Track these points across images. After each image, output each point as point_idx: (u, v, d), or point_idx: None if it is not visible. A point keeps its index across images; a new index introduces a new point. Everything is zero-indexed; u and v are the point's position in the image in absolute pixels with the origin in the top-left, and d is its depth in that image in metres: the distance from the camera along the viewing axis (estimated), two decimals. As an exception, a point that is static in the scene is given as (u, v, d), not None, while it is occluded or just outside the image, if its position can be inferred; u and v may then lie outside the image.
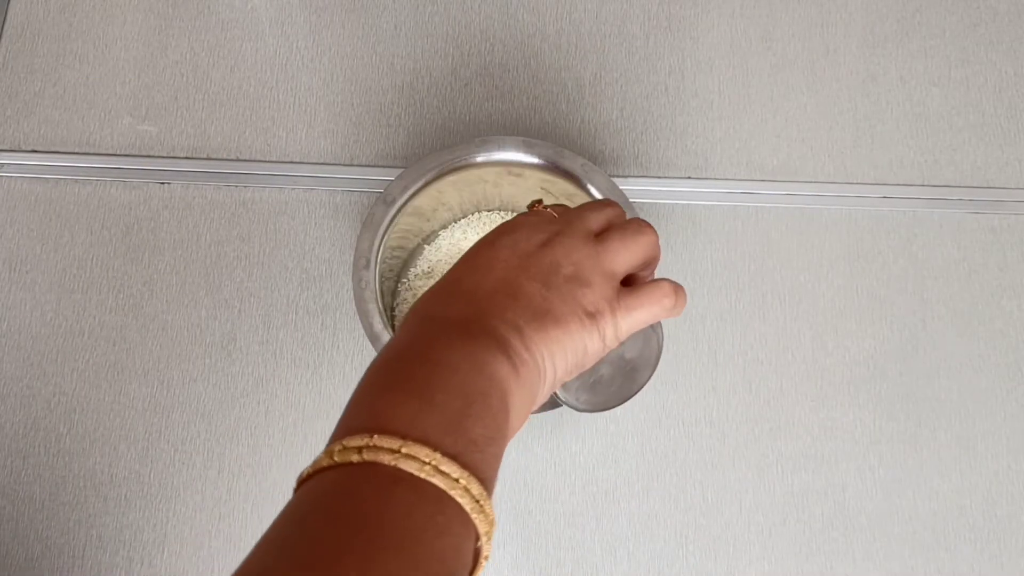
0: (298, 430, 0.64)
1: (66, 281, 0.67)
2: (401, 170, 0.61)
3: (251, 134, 0.71)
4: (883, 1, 0.76)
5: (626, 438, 0.64)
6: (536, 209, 0.45)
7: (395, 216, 0.60)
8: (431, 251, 0.67)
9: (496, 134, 0.71)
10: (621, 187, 0.61)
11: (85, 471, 0.63)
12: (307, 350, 0.66)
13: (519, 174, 0.62)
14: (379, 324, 0.57)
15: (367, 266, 0.58)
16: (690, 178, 0.71)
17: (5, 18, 0.74)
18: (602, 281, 0.41)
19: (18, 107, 0.72)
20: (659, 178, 0.71)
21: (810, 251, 0.69)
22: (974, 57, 0.75)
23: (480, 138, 0.62)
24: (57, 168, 0.70)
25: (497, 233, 0.43)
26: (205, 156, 0.71)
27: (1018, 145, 0.73)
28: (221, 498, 0.63)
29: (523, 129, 0.72)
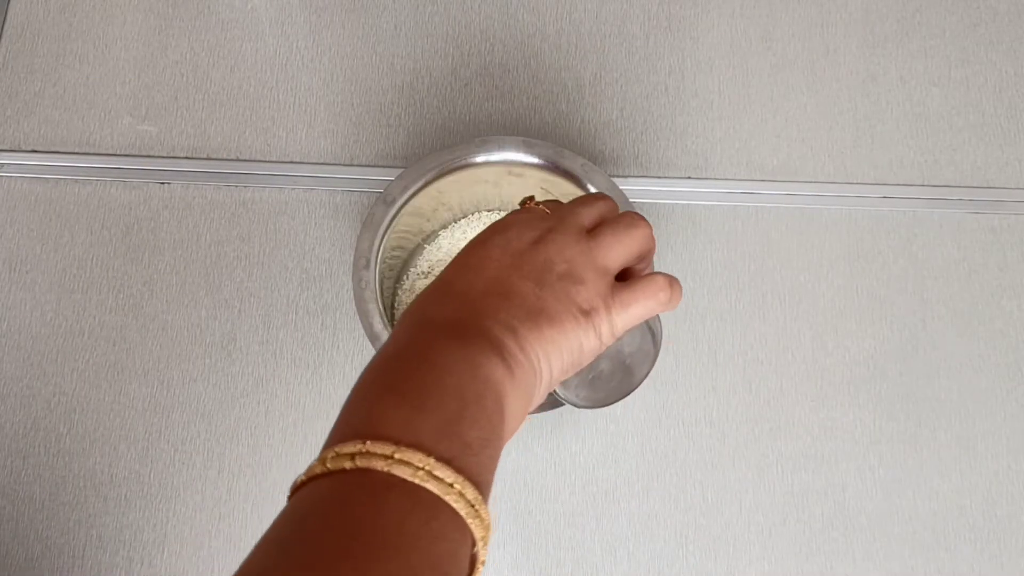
0: (298, 430, 0.64)
1: (66, 281, 0.67)
2: (401, 170, 0.61)
3: (251, 134, 0.71)
4: (883, 1, 0.76)
5: (626, 438, 0.64)
6: (528, 206, 0.45)
7: (395, 216, 0.60)
8: (431, 251, 0.67)
9: (496, 134, 0.71)
10: (621, 187, 0.61)
11: (85, 471, 0.63)
12: (307, 350, 0.66)
13: (519, 174, 0.62)
14: (379, 324, 0.57)
15: (367, 266, 0.58)
16: (690, 178, 0.71)
17: (5, 18, 0.74)
18: (596, 277, 0.41)
19: (18, 107, 0.72)
20: (659, 178, 0.71)
21: (810, 251, 0.69)
22: (974, 57, 0.75)
23: (480, 138, 0.62)
24: (57, 168, 0.70)
25: (489, 232, 0.43)
26: (205, 156, 0.71)
27: (1018, 145, 0.73)
28: (221, 498, 0.63)
29: (523, 129, 0.72)
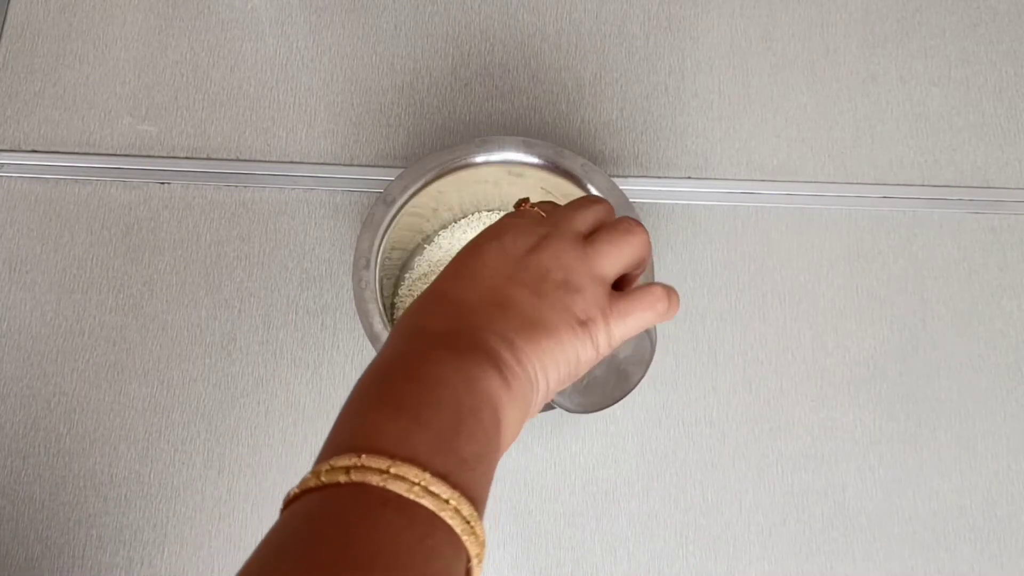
0: (298, 430, 0.64)
1: (66, 281, 0.67)
2: (401, 170, 0.61)
3: (251, 134, 0.71)
4: (883, 1, 0.76)
5: (626, 438, 0.64)
6: (523, 208, 0.44)
7: (395, 216, 0.60)
8: (431, 251, 0.67)
9: (496, 134, 0.71)
10: (621, 187, 0.61)
11: (85, 471, 0.63)
12: (307, 350, 0.66)
13: (519, 174, 0.62)
14: (379, 324, 0.57)
15: (367, 266, 0.58)
16: (690, 178, 0.71)
17: (5, 18, 0.74)
18: (593, 286, 0.40)
19: (18, 107, 0.72)
20: (659, 178, 0.71)
21: (810, 251, 0.69)
22: (974, 57, 0.75)
23: (480, 138, 0.62)
24: (57, 168, 0.70)
25: (483, 238, 0.42)
26: (205, 156, 0.71)
27: (1018, 145, 0.72)
28: (221, 498, 0.63)
29: (523, 129, 0.72)
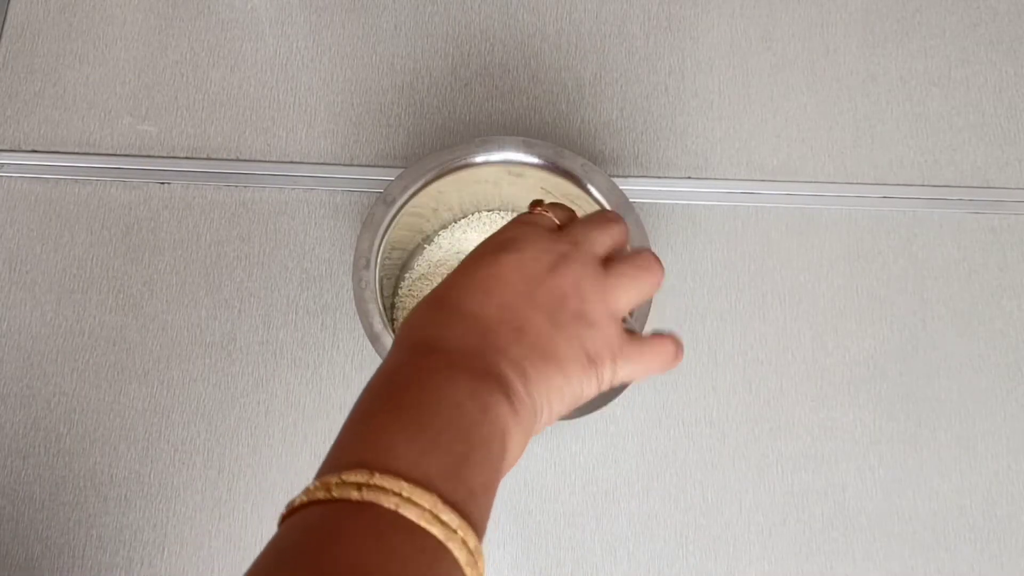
0: (298, 430, 0.64)
1: (66, 281, 0.67)
2: (401, 170, 0.61)
3: (251, 134, 0.71)
4: (883, 1, 0.76)
5: (626, 438, 0.64)
6: (538, 212, 0.43)
7: (395, 216, 0.60)
8: (431, 251, 0.67)
9: (496, 134, 0.71)
10: (621, 187, 0.61)
11: (85, 471, 0.63)
12: (307, 350, 0.66)
13: (519, 174, 0.62)
14: (379, 324, 0.57)
15: (367, 266, 0.58)
16: (690, 178, 0.71)
17: (5, 18, 0.74)
18: (607, 322, 0.40)
19: (18, 107, 0.72)
20: (659, 178, 0.71)
21: (810, 251, 0.69)
22: (974, 57, 0.75)
23: (480, 138, 0.62)
24: (57, 168, 0.70)
25: (499, 246, 0.40)
26: (205, 156, 0.71)
27: (1018, 145, 0.72)
28: (221, 498, 0.63)
29: (523, 129, 0.72)
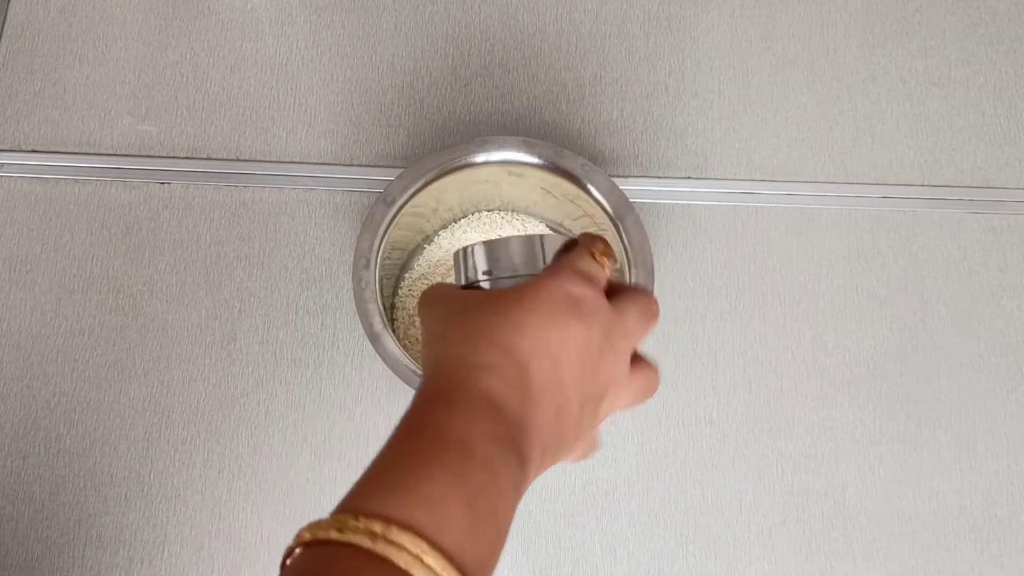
0: (298, 430, 0.64)
1: (66, 281, 0.67)
2: (401, 170, 0.61)
3: (251, 134, 0.71)
4: (883, 1, 0.76)
5: (626, 438, 0.64)
6: (601, 260, 0.42)
7: (395, 216, 0.60)
8: (431, 251, 0.67)
9: (496, 134, 0.71)
10: (621, 187, 0.61)
11: (85, 471, 0.63)
12: (307, 350, 0.66)
13: (519, 174, 0.62)
14: (379, 324, 0.57)
15: (367, 266, 0.58)
16: (690, 178, 0.71)
17: (5, 18, 0.74)
18: (608, 415, 0.43)
19: (18, 107, 0.72)
20: (659, 178, 0.71)
21: (810, 251, 0.69)
22: (974, 57, 0.75)
23: (480, 138, 0.62)
24: (57, 168, 0.70)
25: (571, 307, 0.39)
26: (205, 156, 0.71)
27: (1018, 145, 0.72)
28: (221, 498, 0.63)
29: (523, 129, 0.72)
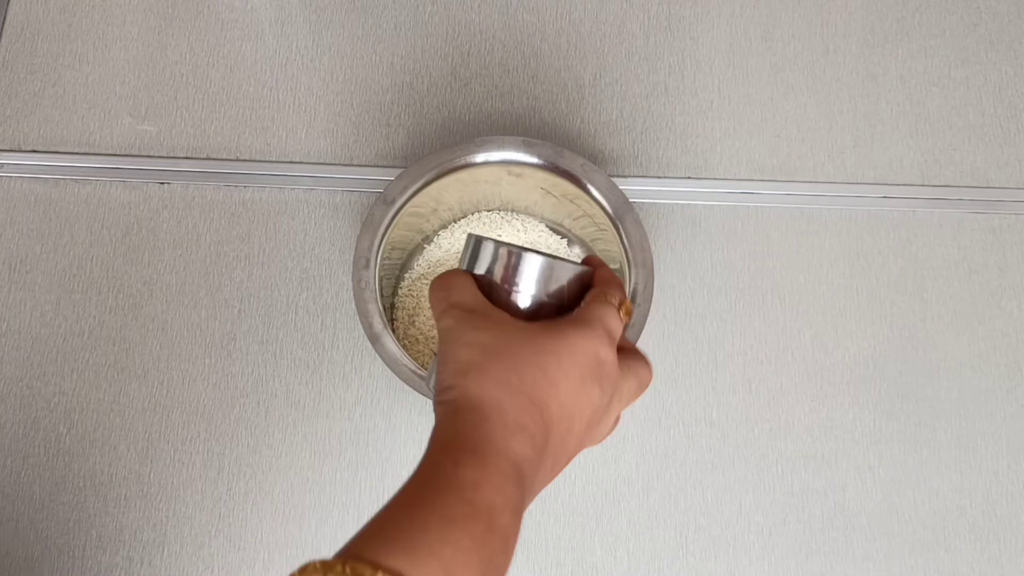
0: (298, 430, 0.64)
1: (66, 281, 0.67)
2: (401, 170, 0.61)
3: (251, 134, 0.71)
4: (883, 1, 0.76)
5: (626, 438, 0.64)
6: (623, 319, 0.43)
7: (395, 216, 0.60)
8: (431, 251, 0.67)
9: (496, 134, 0.71)
10: (621, 187, 0.61)
11: (85, 471, 0.63)
12: (307, 350, 0.66)
13: (519, 174, 0.62)
14: (379, 324, 0.57)
15: (367, 266, 0.58)
16: (690, 178, 0.71)
17: (5, 18, 0.74)
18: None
19: (18, 107, 0.72)
20: (659, 178, 0.71)
21: (810, 251, 0.69)
22: (974, 57, 0.75)
23: (480, 138, 0.62)
24: (57, 168, 0.70)
25: (594, 372, 0.40)
26: (205, 156, 0.71)
27: (1018, 145, 0.72)
28: (221, 498, 0.63)
29: (523, 129, 0.72)
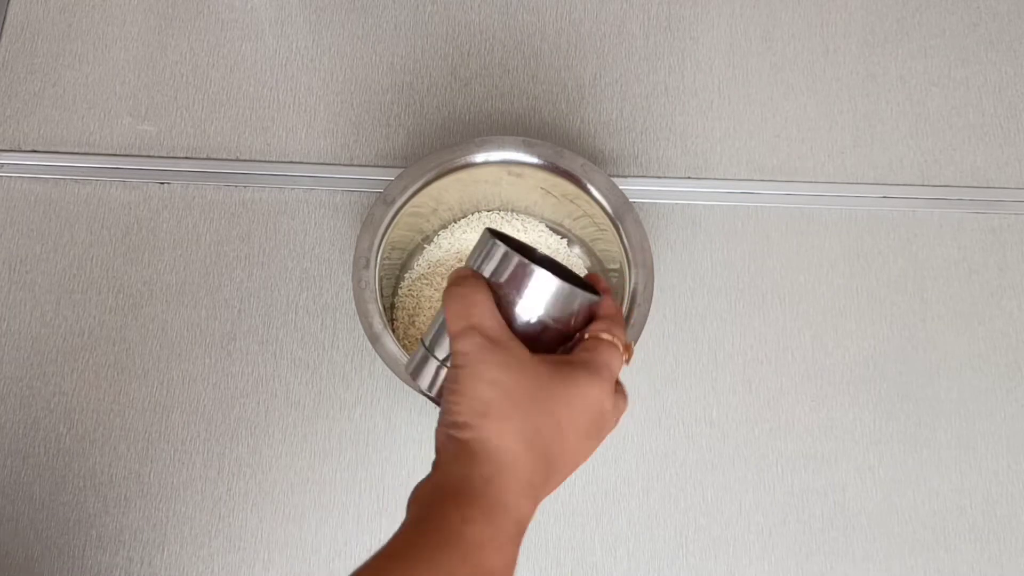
0: (298, 430, 0.64)
1: (66, 281, 0.67)
2: (401, 170, 0.61)
3: (251, 134, 0.71)
4: (883, 1, 0.76)
5: (626, 438, 0.64)
6: (627, 361, 0.44)
7: (395, 216, 0.60)
8: (431, 251, 0.67)
9: (496, 134, 0.71)
10: (621, 187, 0.61)
11: (85, 471, 0.63)
12: (307, 350, 0.66)
13: (519, 174, 0.62)
14: (379, 324, 0.57)
15: (367, 266, 0.58)
16: (690, 178, 0.71)
17: (5, 18, 0.74)
18: None
19: (18, 107, 0.72)
20: (659, 178, 0.71)
21: (810, 251, 0.69)
22: (974, 57, 0.75)
23: (480, 138, 0.62)
24: (57, 168, 0.70)
25: (598, 423, 0.41)
26: (205, 156, 0.71)
27: (1018, 145, 0.72)
28: (221, 498, 0.63)
29: (523, 129, 0.72)
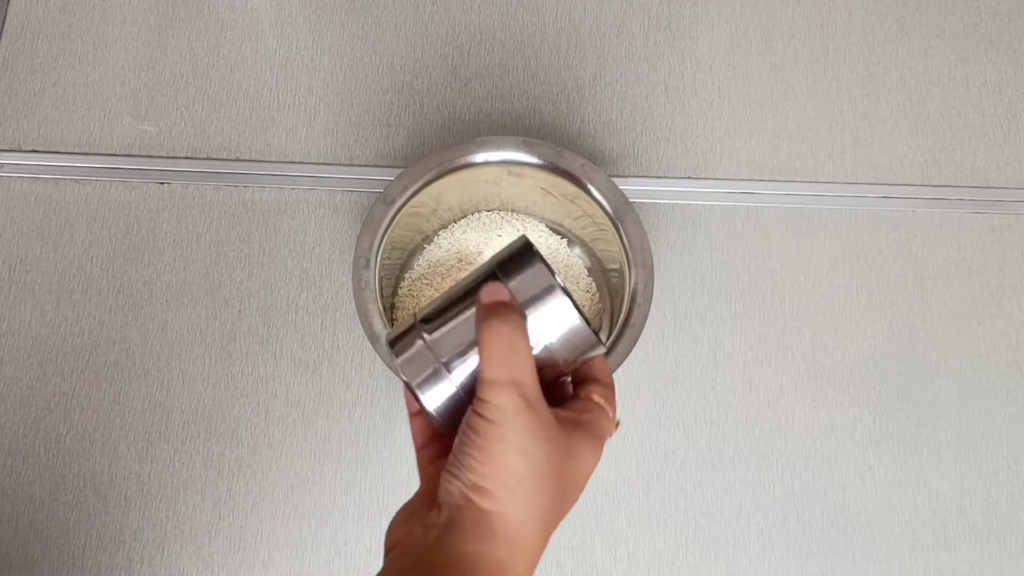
0: (298, 430, 0.64)
1: (66, 281, 0.67)
2: (401, 170, 0.61)
3: (251, 134, 0.71)
4: (883, 1, 0.76)
5: (626, 438, 0.64)
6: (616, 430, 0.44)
7: (395, 216, 0.60)
8: (431, 251, 0.67)
9: (496, 134, 0.71)
10: (621, 187, 0.61)
11: (85, 471, 0.63)
12: (307, 350, 0.66)
13: (519, 174, 0.62)
14: (379, 324, 0.57)
15: (367, 266, 0.58)
16: (690, 178, 0.71)
17: (5, 18, 0.74)
18: None
19: (18, 107, 0.72)
20: (659, 178, 0.71)
21: (810, 251, 0.69)
22: (974, 57, 0.75)
23: (480, 138, 0.62)
24: (57, 168, 0.70)
25: (583, 487, 0.41)
26: (205, 156, 0.71)
27: (1018, 145, 0.73)
28: (221, 498, 0.63)
29: (523, 129, 0.72)
